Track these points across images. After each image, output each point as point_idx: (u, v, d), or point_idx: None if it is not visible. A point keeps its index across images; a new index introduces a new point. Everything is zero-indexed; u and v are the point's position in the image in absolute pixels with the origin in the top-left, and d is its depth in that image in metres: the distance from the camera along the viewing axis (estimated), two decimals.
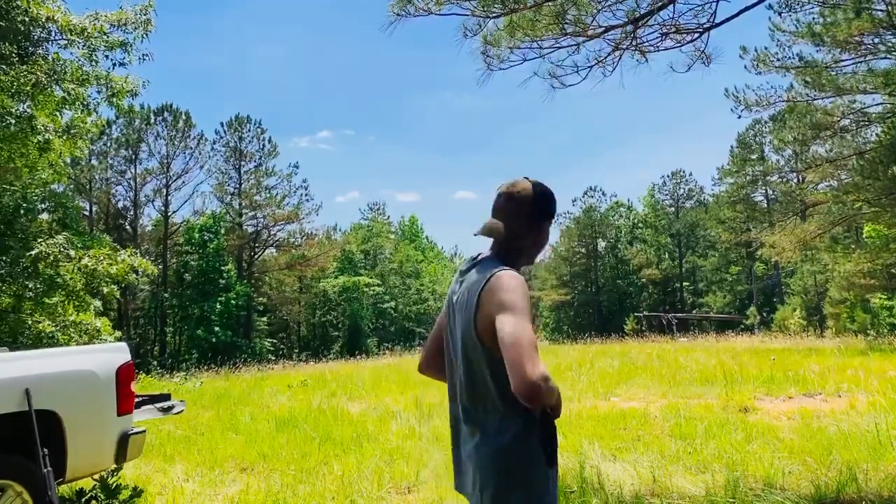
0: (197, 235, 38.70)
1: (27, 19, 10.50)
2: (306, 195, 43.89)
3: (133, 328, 39.07)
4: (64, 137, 12.23)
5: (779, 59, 17.94)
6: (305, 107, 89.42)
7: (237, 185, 42.66)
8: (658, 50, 5.49)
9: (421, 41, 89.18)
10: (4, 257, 12.38)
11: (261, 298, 42.85)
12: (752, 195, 43.84)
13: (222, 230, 39.91)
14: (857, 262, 24.01)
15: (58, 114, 12.17)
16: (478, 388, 1.91)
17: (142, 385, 16.47)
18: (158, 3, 11.88)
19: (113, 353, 4.28)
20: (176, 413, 5.06)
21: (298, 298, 46.34)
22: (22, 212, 13.66)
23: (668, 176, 54.48)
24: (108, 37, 11.51)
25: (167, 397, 5.12)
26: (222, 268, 38.63)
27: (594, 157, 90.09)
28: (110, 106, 12.70)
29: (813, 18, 16.87)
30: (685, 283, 53.21)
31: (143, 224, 41.33)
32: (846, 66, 18.05)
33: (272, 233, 44.13)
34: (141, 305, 41.04)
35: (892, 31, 16.15)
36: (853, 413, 7.18)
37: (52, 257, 12.08)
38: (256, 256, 43.89)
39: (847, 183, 22.02)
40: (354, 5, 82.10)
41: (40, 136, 11.08)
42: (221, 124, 42.76)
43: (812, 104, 20.22)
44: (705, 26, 5.27)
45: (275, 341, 43.31)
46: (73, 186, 32.68)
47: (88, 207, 37.97)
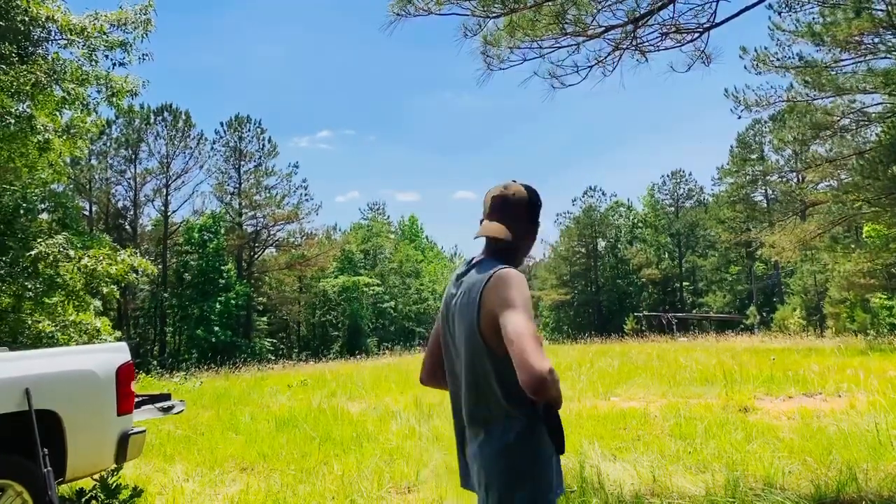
0: (197, 235, 38.71)
1: (27, 19, 10.50)
2: (306, 195, 43.99)
3: (133, 328, 39.08)
4: (64, 137, 12.23)
5: (779, 58, 17.93)
6: (305, 107, 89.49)
7: (237, 185, 42.69)
8: (658, 50, 5.49)
9: (421, 41, 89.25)
10: (4, 257, 12.38)
11: (260, 298, 42.86)
12: (752, 195, 43.87)
13: (222, 230, 39.91)
14: (857, 261, 24.00)
15: (57, 113, 12.17)
16: (481, 388, 1.92)
17: (142, 385, 16.47)
18: (158, 2, 11.90)
19: (113, 353, 4.28)
20: (176, 413, 5.06)
21: (298, 298, 46.35)
22: (22, 211, 13.67)
23: (668, 176, 54.60)
24: (107, 36, 11.50)
25: (167, 397, 5.12)
26: (222, 267, 38.64)
27: (594, 157, 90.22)
28: (110, 106, 12.70)
29: (813, 18, 16.87)
30: (685, 283, 53.24)
31: (142, 224, 41.41)
32: (846, 65, 18.06)
33: (272, 232, 44.17)
34: (141, 305, 41.05)
35: (891, 31, 16.15)
36: (853, 413, 7.18)
37: (51, 257, 12.08)
38: (256, 256, 43.90)
39: (847, 183, 22.03)
40: (354, 5, 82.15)
41: (40, 135, 11.07)
42: (221, 124, 42.86)
43: (812, 104, 20.22)
44: (705, 26, 5.27)
45: (274, 341, 43.31)
46: (72, 186, 32.69)
47: (88, 207, 37.99)
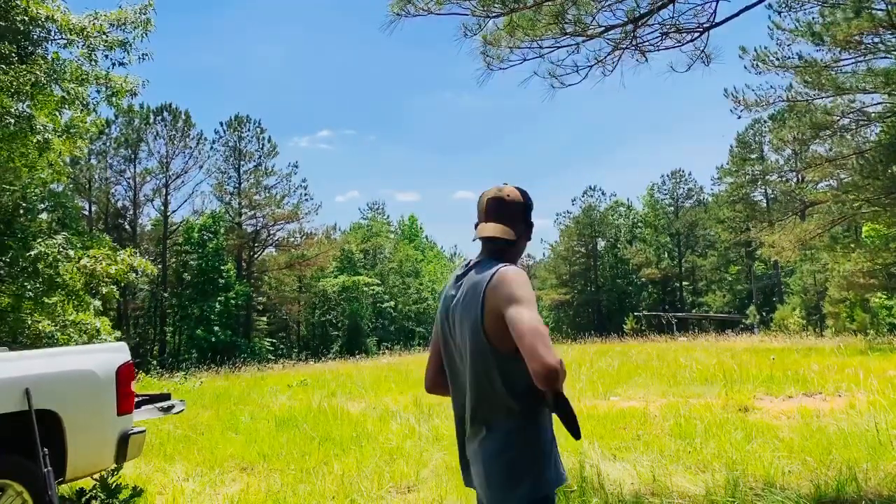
0: (196, 235, 38.70)
1: (26, 19, 10.49)
2: (306, 195, 43.96)
3: (133, 328, 39.07)
4: (63, 137, 12.22)
5: (778, 58, 17.92)
6: (305, 106, 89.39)
7: (237, 185, 42.67)
8: (658, 49, 5.49)
9: (421, 41, 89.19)
10: (4, 257, 12.36)
11: (260, 298, 42.85)
12: (752, 194, 43.87)
13: (222, 230, 39.90)
14: (857, 261, 23.99)
15: (57, 113, 12.16)
16: (483, 385, 1.93)
17: (142, 385, 16.47)
18: (158, 2, 11.89)
19: (113, 353, 4.28)
20: (176, 413, 5.07)
21: (298, 298, 46.34)
22: (21, 211, 13.65)
23: (668, 175, 54.46)
24: (107, 36, 11.49)
25: (167, 397, 5.13)
26: (222, 267, 38.63)
27: (594, 157, 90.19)
28: (110, 105, 12.71)
29: (812, 18, 16.84)
30: (685, 283, 53.23)
31: (142, 224, 41.38)
32: (846, 65, 18.03)
33: (272, 232, 44.17)
34: (140, 305, 41.04)
35: (891, 31, 16.13)
36: (853, 412, 7.18)
37: (51, 257, 12.07)
38: (256, 256, 43.90)
39: (846, 182, 22.04)
40: (354, 5, 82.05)
41: (39, 135, 11.05)
42: (221, 124, 42.85)
43: (812, 104, 20.20)
44: (705, 26, 5.28)
45: (274, 341, 43.30)
46: (72, 186, 32.69)
47: (88, 207, 37.98)
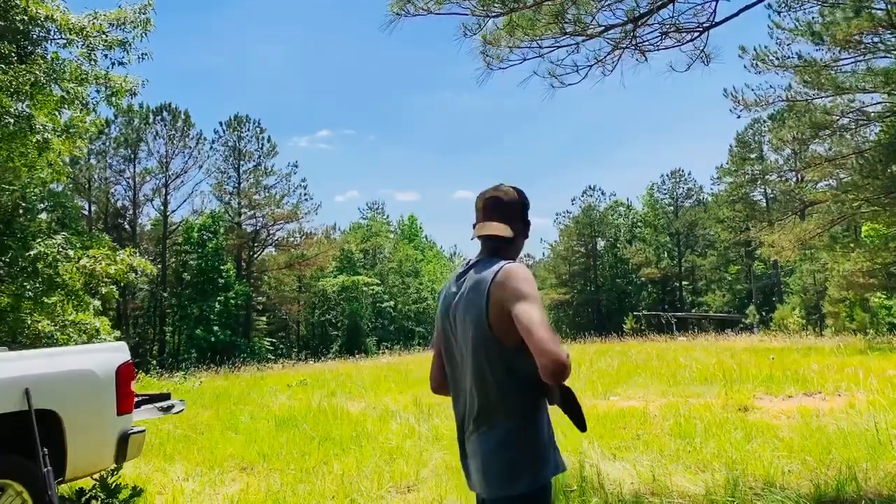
0: (196, 235, 38.69)
1: (26, 18, 10.48)
2: (305, 194, 43.98)
3: (132, 328, 39.05)
4: (63, 137, 12.21)
5: (778, 57, 17.92)
6: (305, 106, 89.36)
7: (236, 185, 42.67)
8: (658, 49, 5.49)
9: (421, 41, 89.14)
10: (3, 257, 12.34)
11: (260, 298, 42.84)
12: (751, 194, 43.88)
13: (221, 229, 39.89)
14: (856, 261, 23.99)
15: (57, 113, 12.15)
16: (485, 382, 1.94)
17: (141, 384, 16.47)
18: (158, 2, 11.90)
19: (112, 353, 4.28)
20: (175, 412, 5.06)
21: (297, 298, 46.34)
22: (21, 211, 13.63)
23: (668, 175, 54.49)
24: (106, 36, 11.49)
25: (167, 397, 5.12)
26: (221, 267, 38.62)
27: (594, 157, 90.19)
28: (109, 105, 12.69)
29: (812, 17, 16.83)
30: (684, 283, 53.24)
31: (142, 223, 41.37)
32: (845, 64, 18.02)
33: (271, 232, 44.17)
34: (140, 305, 41.03)
35: (891, 31, 16.12)
36: (852, 412, 7.18)
37: (50, 257, 12.06)
38: (255, 256, 43.89)
39: (846, 182, 22.03)
40: (354, 5, 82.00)
41: (39, 135, 11.04)
42: (220, 124, 42.85)
43: (811, 103, 20.20)
44: (705, 25, 5.28)
45: (274, 340, 43.30)
46: (71, 186, 32.67)
47: (87, 207, 37.97)
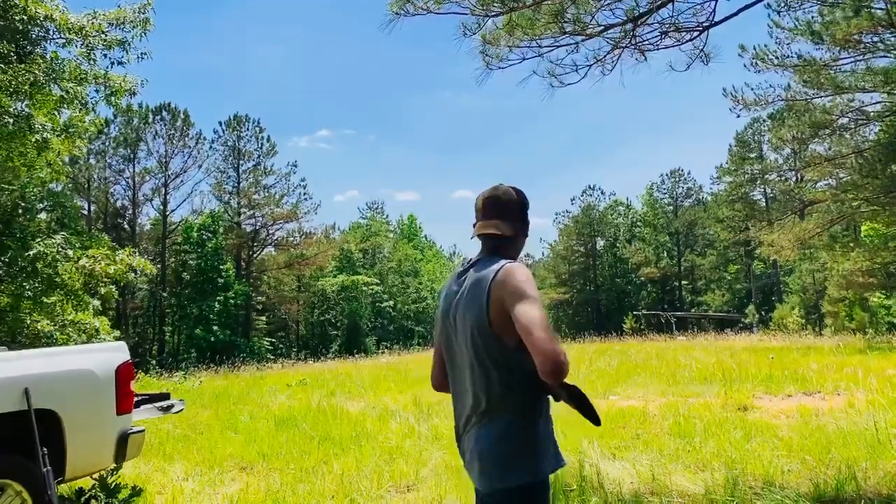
0: (195, 234, 38.67)
1: (25, 18, 10.48)
2: (305, 194, 43.98)
3: (132, 327, 39.03)
4: (62, 136, 12.20)
5: (777, 56, 17.92)
6: (305, 106, 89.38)
7: (236, 184, 42.66)
8: (657, 49, 5.49)
9: (420, 41, 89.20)
10: (3, 257, 12.34)
11: (259, 297, 42.84)
12: (751, 194, 43.86)
13: (221, 229, 39.88)
14: (856, 260, 23.99)
15: (56, 113, 12.15)
16: (485, 379, 1.96)
17: (141, 384, 16.46)
18: (157, 2, 11.91)
19: (112, 353, 4.28)
20: (175, 412, 5.06)
21: (297, 297, 46.33)
22: (20, 211, 13.63)
23: (667, 175, 54.49)
24: (106, 35, 11.49)
25: (166, 396, 5.12)
26: (221, 267, 38.60)
27: (593, 157, 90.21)
28: (108, 105, 12.70)
29: (812, 17, 16.84)
30: (684, 282, 53.23)
31: (141, 223, 41.36)
32: (845, 64, 18.03)
33: (271, 232, 44.16)
34: (139, 305, 41.02)
35: (891, 30, 16.13)
36: (852, 411, 7.18)
37: (50, 257, 12.06)
38: (255, 255, 43.87)
39: (846, 181, 22.03)
40: (354, 5, 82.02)
41: (38, 134, 11.04)
42: (220, 123, 42.85)
43: (811, 103, 20.21)
44: (704, 25, 5.27)
45: (273, 340, 43.30)
46: (71, 185, 32.65)
47: (87, 206, 37.96)
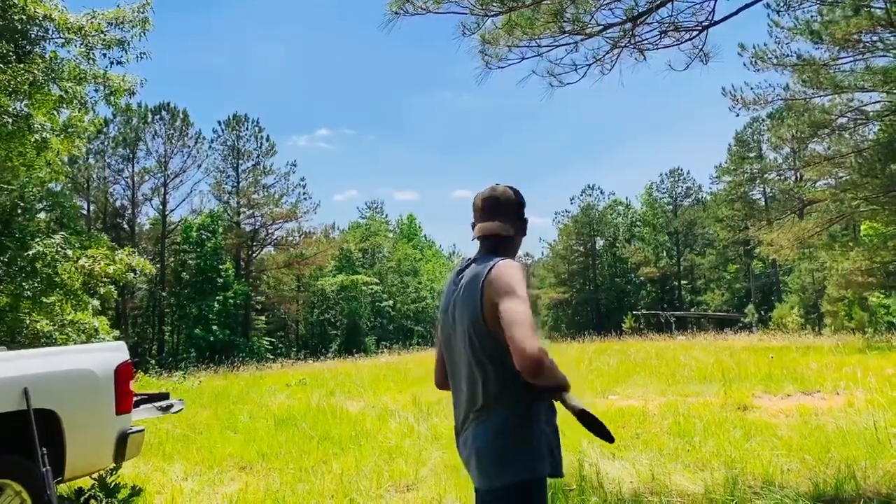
0: (195, 234, 38.66)
1: (24, 17, 10.48)
2: (304, 194, 43.96)
3: (131, 327, 39.01)
4: (61, 136, 12.20)
5: (777, 56, 17.94)
6: (304, 106, 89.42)
7: (235, 184, 42.64)
8: (656, 48, 5.49)
9: (420, 40, 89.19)
10: (2, 256, 12.34)
11: (259, 297, 42.83)
12: (750, 193, 43.84)
13: (220, 229, 39.86)
14: (855, 259, 23.99)
15: (55, 112, 12.14)
16: (482, 373, 1.98)
17: (140, 384, 16.46)
18: (157, 1, 11.91)
19: (111, 352, 4.27)
20: (174, 412, 5.06)
21: (296, 297, 46.33)
22: (19, 211, 13.62)
23: (666, 174, 54.45)
24: (105, 35, 11.49)
25: (166, 396, 5.12)
26: (220, 266, 38.59)
27: (593, 157, 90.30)
28: (108, 104, 12.72)
29: (811, 16, 16.87)
30: (683, 282, 53.23)
31: (140, 223, 41.36)
32: (844, 63, 18.05)
33: (270, 231, 44.15)
34: (139, 304, 41.00)
35: (890, 30, 16.14)
36: (851, 411, 7.18)
37: (49, 257, 12.05)
38: (254, 255, 43.85)
39: (845, 181, 22.05)
40: (354, 5, 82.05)
41: (37, 134, 11.04)
42: (219, 123, 42.81)
43: (810, 102, 20.23)
44: (704, 24, 5.27)
45: (273, 340, 43.28)
46: (70, 185, 32.63)
47: (86, 206, 37.94)
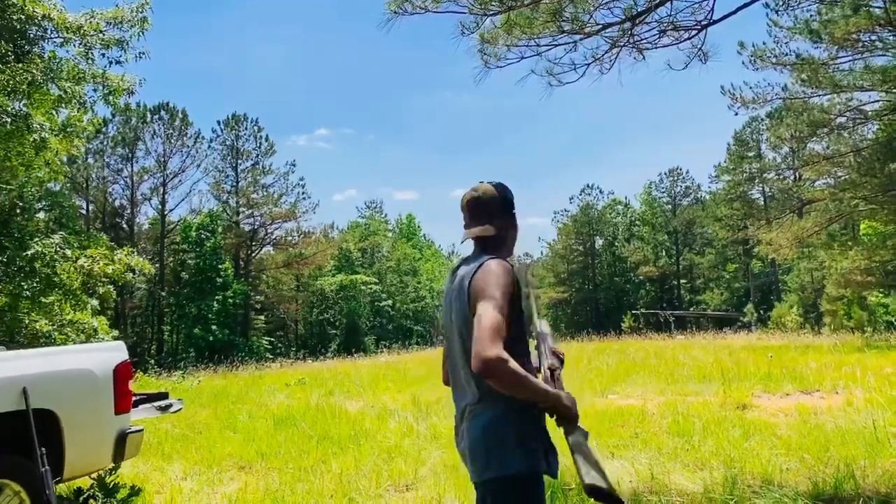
0: (194, 234, 38.65)
1: (23, 17, 10.47)
2: (303, 193, 43.96)
3: (130, 327, 38.99)
4: (60, 136, 12.21)
5: (776, 55, 17.95)
6: (304, 105, 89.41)
7: (234, 184, 42.62)
8: (655, 47, 5.49)
9: (419, 40, 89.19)
10: (1, 256, 12.33)
11: (258, 297, 42.82)
12: (749, 192, 43.86)
13: (219, 228, 39.85)
14: (854, 259, 24.00)
15: (54, 112, 12.14)
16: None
17: (139, 384, 16.45)
18: (156, 1, 11.93)
19: (110, 352, 4.27)
20: (174, 412, 5.06)
21: (296, 297, 46.32)
22: (18, 210, 13.61)
23: (666, 174, 54.42)
24: (104, 35, 11.49)
25: (165, 396, 5.12)
26: (219, 266, 38.58)
27: (593, 156, 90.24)
28: (106, 104, 12.70)
29: (810, 15, 16.88)
30: (682, 281, 53.24)
31: (139, 223, 41.33)
32: (843, 63, 18.05)
33: (269, 231, 44.13)
34: (138, 304, 40.98)
35: (889, 29, 16.15)
36: (850, 410, 7.18)
37: (48, 256, 12.04)
38: (254, 255, 43.84)
39: (844, 180, 22.07)
40: (353, 5, 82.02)
41: (36, 134, 11.03)
42: (218, 122, 42.81)
43: (809, 101, 20.23)
44: (703, 23, 5.27)
45: (272, 339, 43.27)
46: (69, 185, 32.60)
47: (85, 206, 37.91)
